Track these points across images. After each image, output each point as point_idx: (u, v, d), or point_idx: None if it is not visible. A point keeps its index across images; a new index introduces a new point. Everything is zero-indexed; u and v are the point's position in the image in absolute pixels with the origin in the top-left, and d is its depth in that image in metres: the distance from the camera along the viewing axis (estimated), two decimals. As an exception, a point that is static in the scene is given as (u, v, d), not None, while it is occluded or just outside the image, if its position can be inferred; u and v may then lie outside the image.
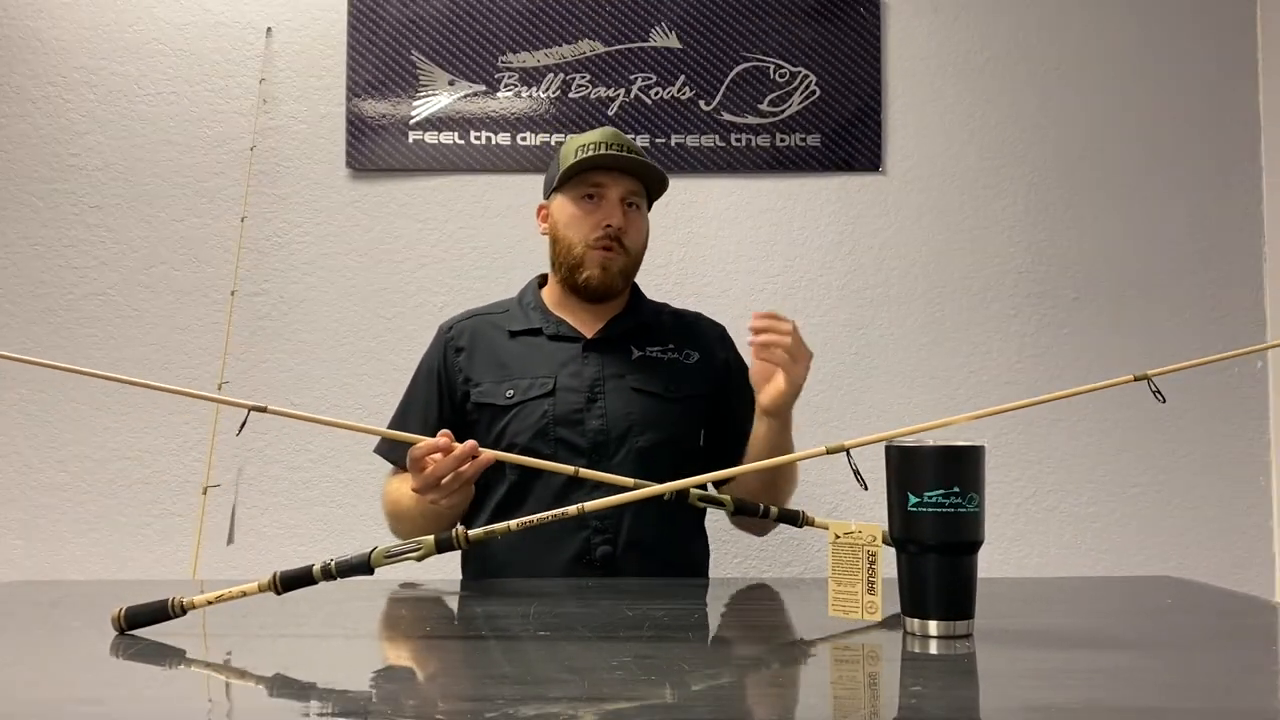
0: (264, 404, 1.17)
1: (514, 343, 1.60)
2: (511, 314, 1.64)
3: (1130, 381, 1.13)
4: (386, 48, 2.29)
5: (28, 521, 2.22)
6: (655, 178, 1.61)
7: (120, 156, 2.28)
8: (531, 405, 1.52)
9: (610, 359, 1.57)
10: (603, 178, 1.57)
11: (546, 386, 1.53)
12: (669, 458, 1.52)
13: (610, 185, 1.57)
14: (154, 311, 2.26)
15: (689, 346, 1.63)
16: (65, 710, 0.78)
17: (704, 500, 1.31)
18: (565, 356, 1.56)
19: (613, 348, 1.58)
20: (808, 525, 1.35)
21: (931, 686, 0.82)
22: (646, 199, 1.64)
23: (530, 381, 1.54)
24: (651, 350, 1.60)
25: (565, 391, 1.53)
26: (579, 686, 0.80)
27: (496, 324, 1.63)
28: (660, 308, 1.71)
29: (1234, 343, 2.28)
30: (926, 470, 0.94)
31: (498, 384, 1.55)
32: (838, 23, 2.33)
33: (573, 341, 1.58)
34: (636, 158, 1.56)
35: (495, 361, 1.58)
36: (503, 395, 1.54)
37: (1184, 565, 2.26)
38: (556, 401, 1.52)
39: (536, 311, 1.62)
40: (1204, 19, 2.36)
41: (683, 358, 1.61)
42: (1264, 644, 1.05)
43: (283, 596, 1.02)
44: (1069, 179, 2.34)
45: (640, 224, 1.61)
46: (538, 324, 1.60)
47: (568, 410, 1.51)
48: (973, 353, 2.31)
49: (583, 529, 1.47)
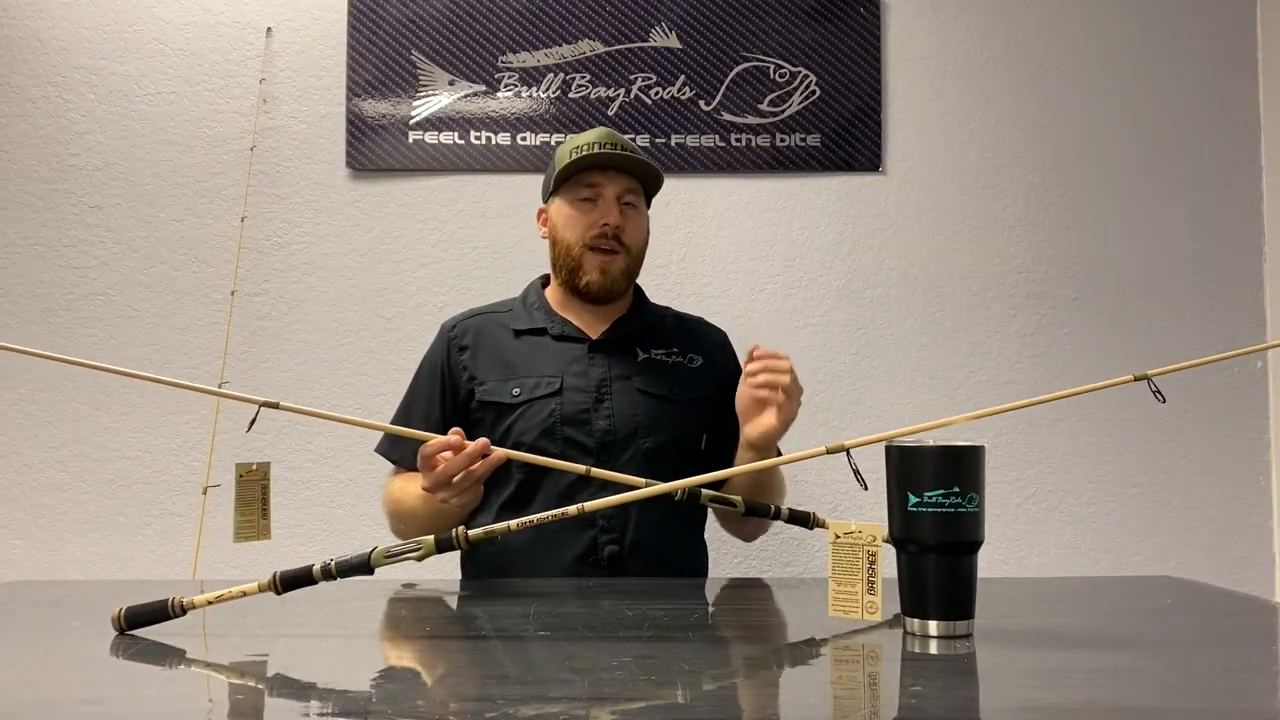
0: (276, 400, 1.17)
1: (519, 342, 1.59)
2: (515, 313, 1.64)
3: (1130, 381, 1.13)
4: (386, 48, 2.29)
5: (28, 521, 2.22)
6: (650, 175, 1.61)
7: (120, 156, 2.28)
8: (538, 404, 1.52)
9: (616, 360, 1.57)
10: (598, 177, 1.57)
11: (553, 386, 1.53)
12: (673, 459, 1.53)
13: (606, 184, 1.57)
14: (154, 311, 2.26)
15: (693, 350, 1.63)
16: (65, 710, 0.78)
17: (715, 500, 1.31)
18: (571, 356, 1.56)
19: (618, 349, 1.59)
20: (819, 527, 1.35)
21: (931, 686, 0.82)
22: (645, 197, 1.64)
23: (537, 380, 1.54)
24: (656, 353, 1.60)
25: (572, 391, 1.53)
26: (579, 686, 0.80)
27: (501, 323, 1.63)
28: (664, 311, 1.71)
29: (1234, 343, 2.28)
30: (926, 470, 0.94)
31: (503, 382, 1.55)
32: (838, 23, 2.33)
33: (578, 342, 1.58)
34: (630, 155, 1.56)
35: (500, 360, 1.58)
36: (509, 394, 1.54)
37: (1184, 565, 2.26)
38: (564, 401, 1.52)
39: (541, 311, 1.62)
40: (1204, 19, 2.36)
41: (687, 361, 1.61)
42: (1264, 644, 1.05)
43: (283, 596, 1.02)
44: (1069, 179, 2.34)
45: (638, 222, 1.61)
46: (542, 323, 1.60)
47: (575, 410, 1.51)
48: (973, 353, 2.31)
49: (589, 528, 1.47)
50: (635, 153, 1.59)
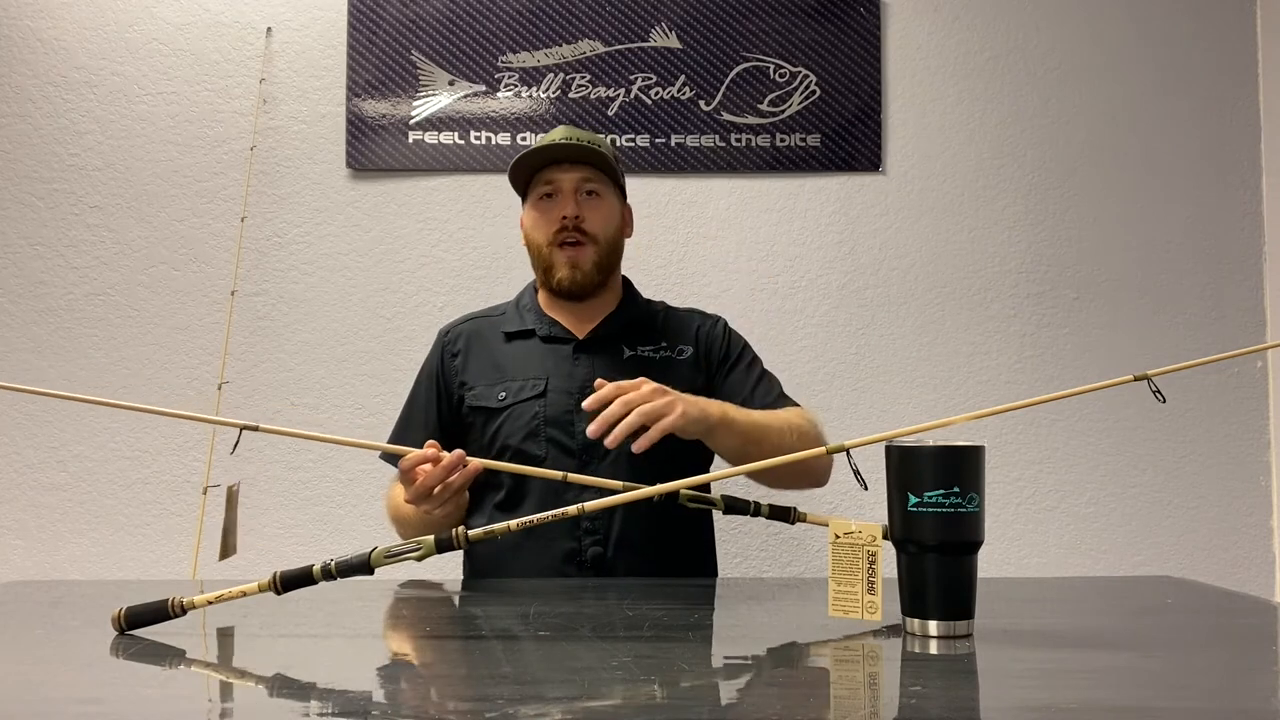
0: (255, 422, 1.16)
1: (509, 345, 1.60)
2: (508, 316, 1.65)
3: (1130, 381, 1.13)
4: (386, 48, 2.29)
5: (28, 521, 2.22)
6: (597, 159, 1.56)
7: (120, 156, 2.28)
8: (523, 407, 1.53)
9: (601, 359, 1.57)
10: (554, 173, 1.57)
11: (538, 388, 1.54)
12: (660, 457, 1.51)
13: (562, 178, 1.57)
14: (154, 311, 2.26)
15: (682, 342, 1.62)
16: (65, 710, 0.78)
17: (694, 501, 1.29)
18: (557, 357, 1.57)
19: (604, 348, 1.58)
20: (800, 521, 1.34)
21: (931, 686, 0.82)
22: (614, 187, 1.62)
23: (522, 383, 1.55)
24: (643, 350, 1.59)
25: (556, 393, 1.53)
26: (578, 686, 0.80)
27: (493, 326, 1.64)
28: (655, 305, 1.70)
29: (1234, 343, 2.28)
30: (926, 470, 0.94)
31: (491, 387, 1.56)
32: (838, 23, 2.33)
33: (564, 342, 1.58)
34: (575, 144, 1.54)
35: (490, 364, 1.59)
36: (495, 398, 1.55)
37: (1184, 565, 2.26)
38: (548, 403, 1.52)
39: (531, 313, 1.63)
40: (1204, 19, 2.36)
41: (675, 354, 1.60)
42: (1264, 644, 1.05)
43: (283, 596, 1.02)
44: (1069, 179, 2.34)
45: (603, 210, 1.59)
46: (531, 325, 1.61)
47: (559, 412, 1.52)
48: (973, 353, 2.31)
49: (574, 529, 1.47)
50: (598, 145, 1.57)
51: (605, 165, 1.58)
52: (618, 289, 1.66)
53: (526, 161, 1.57)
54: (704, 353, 1.62)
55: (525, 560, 1.48)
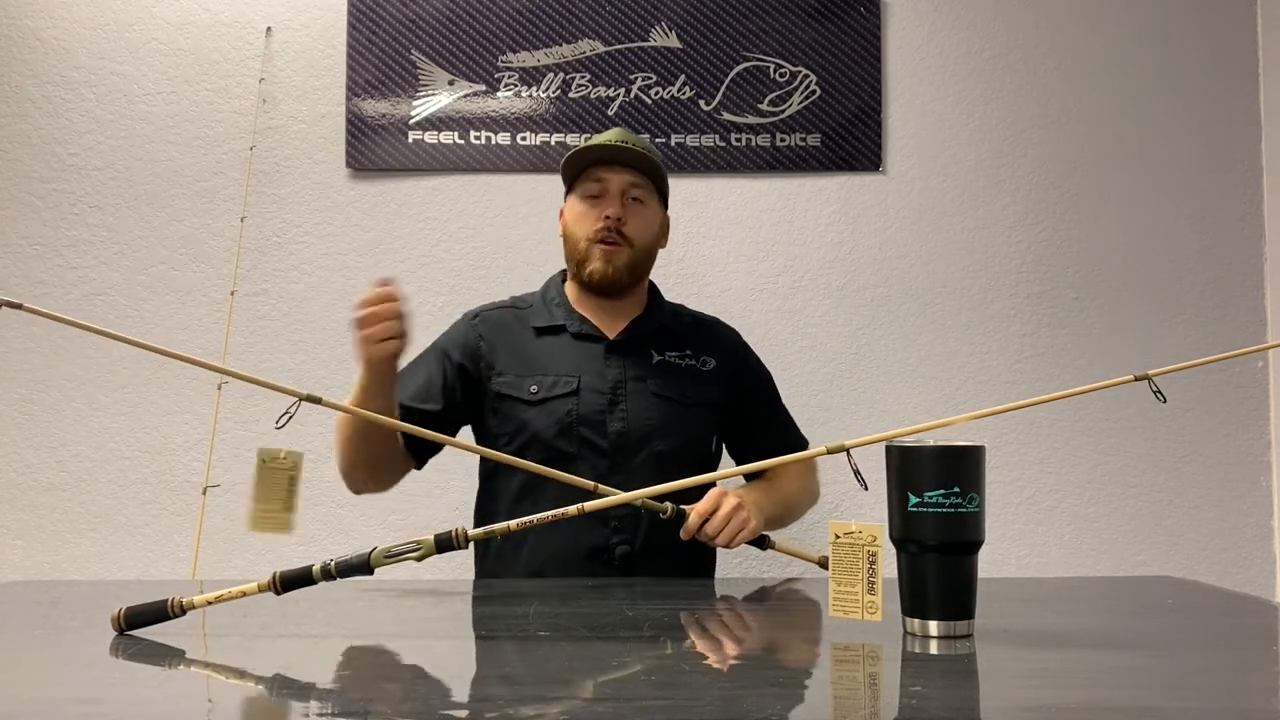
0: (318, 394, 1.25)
1: (539, 340, 1.62)
2: (535, 310, 1.67)
3: (1130, 381, 1.13)
4: (386, 47, 2.29)
5: (28, 521, 2.22)
6: (650, 166, 1.63)
7: (120, 156, 2.28)
8: (555, 403, 1.55)
9: (632, 362, 1.60)
10: (605, 173, 1.61)
11: (571, 385, 1.56)
12: (685, 462, 1.55)
13: (612, 179, 1.61)
14: (154, 311, 2.26)
15: (705, 353, 1.66)
16: (65, 710, 0.78)
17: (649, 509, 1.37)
18: (588, 356, 1.59)
19: (634, 350, 1.61)
20: (771, 549, 1.49)
21: (931, 686, 0.82)
22: (658, 195, 1.67)
23: (555, 379, 1.57)
24: (670, 355, 1.63)
25: (589, 392, 1.55)
26: (578, 687, 0.80)
27: (521, 318, 1.66)
28: (679, 310, 1.74)
29: (1234, 343, 2.28)
30: (926, 470, 0.94)
31: (521, 378, 1.58)
32: (838, 23, 2.33)
33: (595, 341, 1.61)
34: (629, 148, 1.59)
35: (519, 355, 1.61)
36: (526, 390, 1.56)
37: (1184, 565, 2.26)
38: (580, 401, 1.55)
39: (560, 308, 1.65)
40: (1204, 19, 2.36)
41: (699, 364, 1.64)
42: (1264, 644, 1.05)
43: (282, 597, 1.02)
44: (1069, 179, 2.34)
45: (644, 217, 1.63)
46: (561, 320, 1.63)
47: (591, 410, 1.54)
48: (973, 353, 2.31)
49: (602, 527, 1.49)
50: (650, 152, 1.63)
51: (655, 174, 1.64)
52: (644, 293, 1.69)
53: (581, 156, 1.61)
54: (728, 371, 1.66)
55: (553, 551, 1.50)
